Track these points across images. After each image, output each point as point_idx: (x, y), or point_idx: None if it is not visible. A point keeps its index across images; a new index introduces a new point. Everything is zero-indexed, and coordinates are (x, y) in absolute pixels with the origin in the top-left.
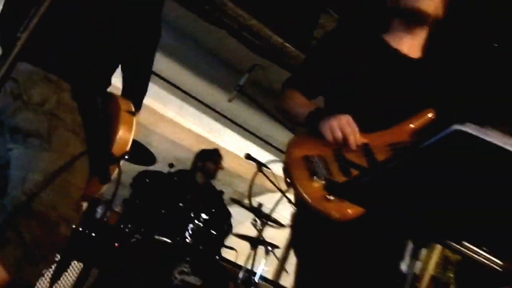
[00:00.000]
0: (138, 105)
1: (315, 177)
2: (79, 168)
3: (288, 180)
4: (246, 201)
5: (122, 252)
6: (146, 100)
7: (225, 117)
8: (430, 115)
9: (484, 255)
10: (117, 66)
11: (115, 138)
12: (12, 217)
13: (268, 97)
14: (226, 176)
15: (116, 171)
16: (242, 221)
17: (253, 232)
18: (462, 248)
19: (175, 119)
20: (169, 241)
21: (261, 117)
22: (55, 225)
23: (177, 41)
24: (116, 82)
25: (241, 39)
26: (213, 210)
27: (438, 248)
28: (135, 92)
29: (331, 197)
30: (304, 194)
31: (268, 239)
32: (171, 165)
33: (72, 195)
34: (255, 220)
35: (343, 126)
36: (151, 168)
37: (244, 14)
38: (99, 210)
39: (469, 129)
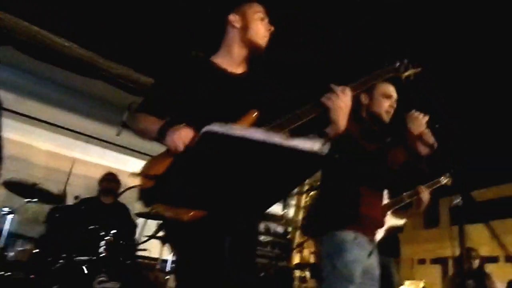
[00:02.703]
0: None
1: None
2: None
3: None
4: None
5: (40, 281)
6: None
7: (118, 145)
8: (254, 115)
9: None
10: None
11: None
12: None
13: None
14: (129, 192)
15: None
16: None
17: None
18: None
19: (82, 158)
20: (85, 258)
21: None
22: None
23: (69, 95)
24: None
25: (116, 84)
26: (121, 224)
27: None
28: None
29: None
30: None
31: None
32: (76, 197)
33: None
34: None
35: (183, 139)
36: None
37: (114, 65)
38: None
39: (214, 128)
